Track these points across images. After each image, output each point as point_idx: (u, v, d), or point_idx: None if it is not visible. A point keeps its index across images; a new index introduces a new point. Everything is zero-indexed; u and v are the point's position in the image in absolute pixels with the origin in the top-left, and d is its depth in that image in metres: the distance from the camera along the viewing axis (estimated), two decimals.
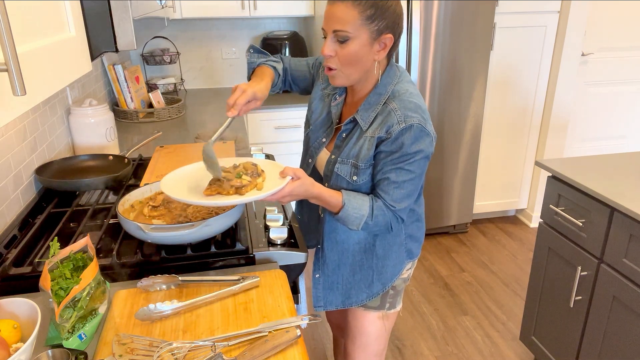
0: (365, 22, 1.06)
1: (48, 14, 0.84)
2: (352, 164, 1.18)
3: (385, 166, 1.14)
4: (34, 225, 1.31)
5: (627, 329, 1.53)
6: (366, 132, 1.16)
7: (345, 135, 1.22)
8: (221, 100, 2.94)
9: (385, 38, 1.10)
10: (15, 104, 0.67)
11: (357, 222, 1.17)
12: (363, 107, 1.17)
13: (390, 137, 1.11)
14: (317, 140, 1.31)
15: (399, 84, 1.17)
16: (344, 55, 1.09)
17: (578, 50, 2.97)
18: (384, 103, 1.15)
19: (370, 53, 1.10)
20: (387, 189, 1.16)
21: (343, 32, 1.07)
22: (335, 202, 1.15)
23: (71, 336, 0.90)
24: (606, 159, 1.84)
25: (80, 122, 1.82)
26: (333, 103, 1.28)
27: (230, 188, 1.09)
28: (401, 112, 1.12)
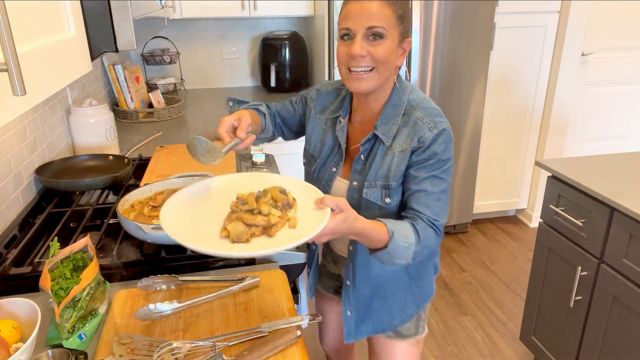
0: (397, 21, 1.01)
1: (48, 14, 0.84)
2: (382, 185, 1.08)
3: (419, 175, 1.05)
4: (34, 225, 1.31)
5: (627, 329, 1.53)
6: (392, 147, 1.07)
7: (364, 157, 1.11)
8: (221, 100, 2.94)
9: (407, 42, 1.06)
10: (15, 104, 0.67)
11: (406, 254, 1.01)
12: (381, 121, 1.09)
13: (424, 146, 1.04)
14: (327, 172, 1.19)
15: (412, 93, 1.11)
16: (378, 53, 1.01)
17: (578, 50, 2.97)
18: (403, 114, 1.08)
19: (395, 57, 1.04)
20: (426, 202, 1.04)
21: (379, 29, 0.99)
22: (380, 235, 0.97)
23: (71, 336, 0.90)
24: (606, 159, 1.84)
25: (80, 122, 1.82)
26: (338, 127, 1.17)
27: (255, 228, 0.87)
28: (429, 119, 1.05)
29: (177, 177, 1.40)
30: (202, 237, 0.87)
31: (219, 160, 0.98)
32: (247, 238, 0.85)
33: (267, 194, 0.93)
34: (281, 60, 2.98)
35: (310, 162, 1.23)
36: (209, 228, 0.89)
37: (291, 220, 0.90)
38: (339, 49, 1.05)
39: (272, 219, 0.87)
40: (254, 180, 1.03)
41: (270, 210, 0.89)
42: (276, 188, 0.95)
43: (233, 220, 0.87)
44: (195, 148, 0.99)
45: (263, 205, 0.89)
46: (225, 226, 0.87)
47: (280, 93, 3.06)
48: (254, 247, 0.84)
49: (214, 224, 0.90)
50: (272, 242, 0.85)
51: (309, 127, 1.24)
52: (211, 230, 0.89)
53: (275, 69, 2.96)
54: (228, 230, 0.86)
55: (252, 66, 3.31)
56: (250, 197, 0.92)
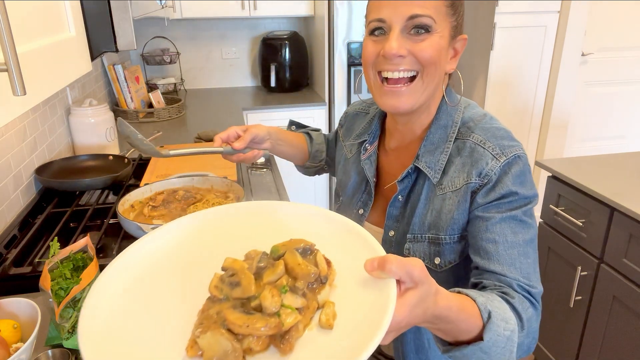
0: (449, 10, 0.76)
1: (48, 14, 0.84)
2: (431, 239, 0.79)
3: (492, 217, 0.73)
4: (34, 225, 1.31)
5: (627, 329, 1.53)
6: (442, 185, 0.79)
7: (402, 197, 0.84)
8: (221, 100, 2.94)
9: (460, 39, 0.81)
10: (15, 104, 0.67)
11: (509, 349, 0.62)
12: (425, 149, 0.81)
13: (489, 182, 0.74)
14: (351, 215, 0.89)
15: (467, 109, 0.84)
16: (424, 51, 0.74)
17: (578, 50, 2.97)
18: (456, 139, 0.80)
19: (445, 60, 0.79)
20: (508, 260, 0.70)
21: (426, 18, 0.73)
22: (472, 318, 0.59)
23: (71, 336, 0.90)
24: (606, 159, 1.84)
25: (80, 122, 1.82)
26: (363, 156, 0.90)
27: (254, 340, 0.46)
28: (492, 142, 0.76)
29: (177, 177, 1.40)
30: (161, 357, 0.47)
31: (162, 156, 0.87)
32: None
33: (277, 266, 0.51)
34: (281, 60, 2.98)
35: (336, 201, 1.01)
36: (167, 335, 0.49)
37: (325, 311, 0.49)
38: (366, 47, 0.79)
39: (285, 320, 0.47)
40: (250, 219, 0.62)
41: (283, 303, 0.48)
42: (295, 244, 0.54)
43: (211, 325, 0.47)
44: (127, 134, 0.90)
45: (269, 292, 0.49)
46: (196, 337, 0.47)
47: (280, 93, 3.06)
48: None
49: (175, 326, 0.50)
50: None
51: (336, 157, 1.02)
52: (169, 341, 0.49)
53: (275, 69, 2.96)
54: (200, 346, 0.46)
55: (252, 66, 3.31)
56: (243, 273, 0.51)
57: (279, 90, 3.06)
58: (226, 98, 3.00)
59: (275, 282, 0.50)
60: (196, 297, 0.51)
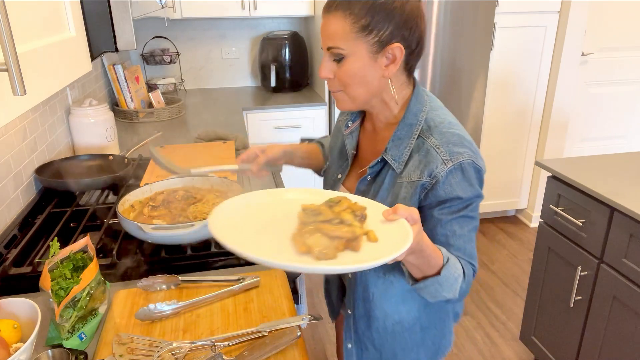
0: (359, 34, 0.87)
1: (48, 14, 0.84)
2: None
3: (444, 217, 0.91)
4: (34, 225, 1.31)
5: (627, 329, 1.53)
6: (402, 176, 0.94)
7: (371, 178, 1.00)
8: (221, 100, 2.94)
9: (393, 48, 0.88)
10: (15, 104, 0.67)
11: (454, 287, 0.88)
12: (392, 144, 0.95)
13: (438, 183, 0.89)
14: (332, 178, 1.11)
15: (431, 111, 0.96)
16: (342, 75, 0.91)
17: (578, 50, 2.97)
18: (419, 136, 0.94)
19: (375, 69, 0.90)
20: (458, 246, 0.91)
21: (336, 50, 0.89)
22: (437, 258, 0.84)
23: (71, 336, 0.90)
24: (606, 159, 1.84)
25: (80, 122, 1.82)
26: (346, 131, 1.08)
27: (338, 241, 0.72)
28: (445, 148, 0.89)
29: (177, 177, 1.40)
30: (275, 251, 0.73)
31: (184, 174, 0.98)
32: (333, 253, 0.71)
33: (342, 203, 0.80)
34: (281, 60, 2.98)
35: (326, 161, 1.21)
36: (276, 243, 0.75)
37: (370, 233, 0.75)
38: None
39: (356, 230, 0.74)
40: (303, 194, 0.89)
41: (353, 220, 0.76)
42: (344, 198, 0.83)
43: (311, 233, 0.73)
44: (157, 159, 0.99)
45: (344, 214, 0.77)
46: (305, 241, 0.72)
47: (280, 93, 3.06)
48: (344, 262, 0.70)
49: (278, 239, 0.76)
50: (364, 257, 0.71)
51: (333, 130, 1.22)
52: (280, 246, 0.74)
53: (275, 69, 2.96)
54: (308, 244, 0.71)
55: (252, 66, 3.31)
56: (321, 207, 0.79)
57: (279, 90, 3.06)
58: (226, 98, 3.00)
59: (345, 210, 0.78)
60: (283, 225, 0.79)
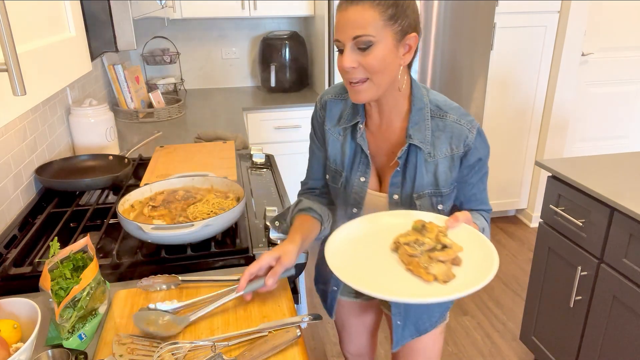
0: (387, 22, 0.94)
1: (48, 14, 0.84)
2: (432, 193, 1.07)
3: (472, 179, 1.09)
4: (34, 225, 1.31)
5: (627, 329, 1.53)
6: (433, 155, 1.05)
7: (401, 168, 1.07)
8: (221, 100, 2.94)
9: (410, 38, 0.98)
10: (15, 104, 0.67)
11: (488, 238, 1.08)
12: (413, 129, 1.05)
13: (470, 149, 1.04)
14: (355, 184, 1.14)
15: (430, 93, 1.08)
16: (369, 63, 0.96)
17: (578, 50, 2.97)
18: (432, 117, 1.05)
19: (396, 57, 0.98)
20: (481, 199, 1.12)
21: (365, 37, 0.94)
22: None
23: (71, 336, 0.90)
24: (606, 159, 1.84)
25: (80, 122, 1.82)
26: (358, 134, 1.11)
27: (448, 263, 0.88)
28: (464, 119, 1.04)
29: (177, 177, 1.40)
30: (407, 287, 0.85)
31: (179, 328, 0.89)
32: (453, 274, 0.86)
33: (430, 227, 0.94)
34: (281, 60, 2.98)
35: (335, 178, 1.17)
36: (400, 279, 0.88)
37: (455, 246, 0.91)
38: (337, 61, 1.02)
39: (455, 249, 0.89)
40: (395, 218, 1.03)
41: (451, 241, 0.90)
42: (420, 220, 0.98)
43: (428, 262, 0.87)
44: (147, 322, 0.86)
45: (443, 238, 0.92)
46: (429, 271, 0.86)
47: (280, 93, 3.06)
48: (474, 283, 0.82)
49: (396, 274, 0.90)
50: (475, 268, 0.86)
51: (327, 142, 1.17)
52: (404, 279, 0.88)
53: (275, 69, 2.96)
54: (433, 274, 0.86)
55: (252, 66, 3.31)
56: (418, 235, 0.93)
57: (279, 90, 3.06)
58: (226, 98, 3.00)
59: (440, 234, 0.93)
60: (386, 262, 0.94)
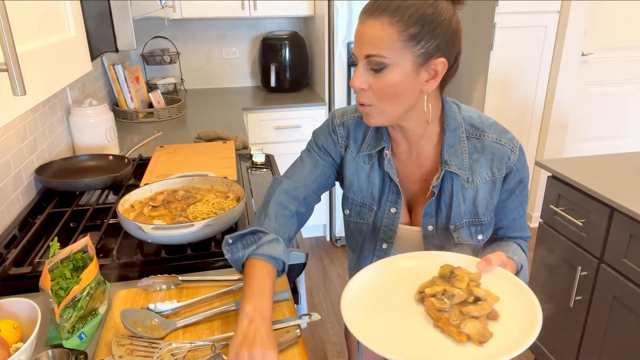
0: (407, 43, 0.81)
1: (48, 14, 0.84)
2: (471, 222, 0.96)
3: (512, 204, 0.98)
4: (34, 225, 1.31)
5: (627, 329, 1.53)
6: (473, 179, 0.94)
7: (435, 197, 0.96)
8: (221, 100, 2.94)
9: (436, 63, 0.85)
10: (15, 104, 0.67)
11: (527, 275, 0.99)
12: (448, 153, 0.93)
13: (512, 171, 0.94)
14: (386, 216, 1.01)
15: (463, 110, 0.97)
16: (380, 87, 0.84)
17: (578, 50, 2.97)
18: (468, 138, 0.94)
19: (415, 84, 0.85)
20: (519, 226, 1.02)
21: (378, 58, 0.82)
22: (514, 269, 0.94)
23: (71, 336, 0.90)
24: (606, 159, 1.84)
25: (80, 122, 1.82)
26: (386, 161, 0.97)
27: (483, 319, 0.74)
28: (505, 139, 0.94)
29: (177, 177, 1.40)
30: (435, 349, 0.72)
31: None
32: (489, 333, 0.72)
33: (459, 275, 0.80)
34: (281, 60, 2.98)
35: (363, 213, 1.03)
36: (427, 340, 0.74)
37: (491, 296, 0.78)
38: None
39: (490, 302, 0.76)
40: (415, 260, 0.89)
41: (486, 293, 0.77)
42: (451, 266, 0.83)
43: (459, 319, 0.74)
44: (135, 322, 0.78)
45: (476, 289, 0.78)
46: (460, 330, 0.72)
47: (280, 93, 3.06)
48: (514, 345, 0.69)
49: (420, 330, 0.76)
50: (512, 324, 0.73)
51: (347, 171, 1.02)
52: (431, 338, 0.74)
53: (275, 69, 2.96)
54: (466, 333, 0.72)
55: (252, 66, 3.31)
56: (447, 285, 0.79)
57: (279, 90, 3.06)
58: (226, 98, 3.00)
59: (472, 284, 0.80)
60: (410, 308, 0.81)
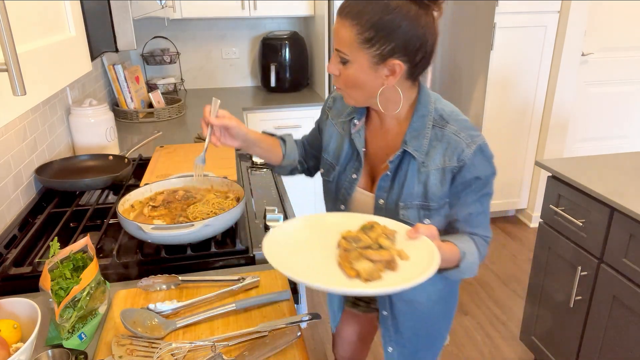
0: (363, 45, 0.92)
1: (48, 14, 0.84)
2: (420, 205, 1.01)
3: (468, 199, 1.00)
4: (34, 225, 1.31)
5: (627, 329, 1.53)
6: (427, 164, 0.99)
7: (391, 172, 1.03)
8: (221, 100, 2.93)
9: (393, 64, 0.93)
10: (15, 104, 0.67)
11: (473, 269, 1.01)
12: (411, 135, 1.00)
13: (465, 165, 0.98)
14: (346, 179, 1.11)
15: (437, 102, 1.03)
16: (345, 77, 0.97)
17: (578, 50, 2.97)
18: (434, 126, 1.00)
19: (376, 78, 0.95)
20: (477, 223, 1.03)
21: (342, 54, 0.95)
22: (455, 255, 0.96)
23: (71, 336, 0.90)
24: (606, 159, 1.84)
25: (80, 122, 1.82)
26: (353, 130, 1.09)
27: (379, 264, 0.83)
28: (465, 133, 0.98)
29: (177, 177, 1.40)
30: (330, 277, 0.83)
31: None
32: (378, 275, 0.81)
33: (373, 228, 0.90)
34: (281, 60, 2.98)
35: (329, 171, 1.15)
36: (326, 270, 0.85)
37: (401, 252, 0.86)
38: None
39: (392, 252, 0.85)
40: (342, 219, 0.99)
41: (389, 244, 0.86)
42: (375, 222, 0.92)
43: (356, 258, 0.84)
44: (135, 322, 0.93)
45: (381, 239, 0.87)
46: (353, 266, 0.83)
47: (280, 93, 3.06)
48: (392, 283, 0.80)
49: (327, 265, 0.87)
50: (404, 277, 0.81)
51: (325, 134, 1.17)
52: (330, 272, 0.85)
53: (275, 69, 2.96)
54: (357, 269, 0.82)
55: (252, 66, 3.31)
56: (359, 233, 0.89)
57: (279, 90, 3.06)
58: (226, 98, 3.00)
59: (381, 236, 0.89)
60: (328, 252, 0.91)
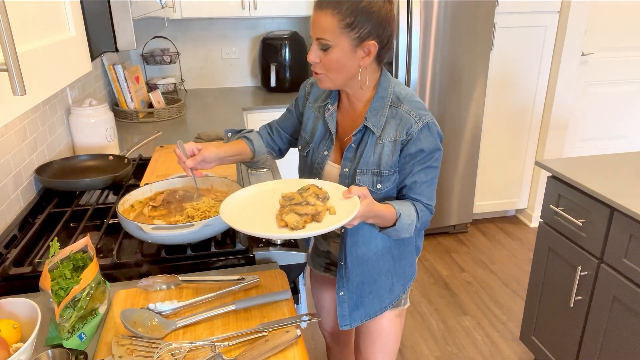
0: (344, 30, 1.06)
1: (48, 14, 0.84)
2: (374, 172, 1.17)
3: (414, 169, 1.16)
4: (34, 225, 1.31)
5: (627, 329, 1.53)
6: (382, 138, 1.16)
7: (355, 145, 1.20)
8: (221, 100, 2.94)
9: (369, 45, 1.09)
10: (15, 104, 0.67)
11: (410, 229, 1.16)
12: (370, 113, 1.17)
13: (412, 138, 1.13)
14: (319, 156, 1.28)
15: (396, 86, 1.19)
16: (327, 62, 1.11)
17: (578, 50, 2.97)
18: (390, 106, 1.16)
19: (354, 59, 1.11)
20: (420, 191, 1.18)
21: (324, 41, 1.08)
22: (390, 215, 1.12)
23: (71, 336, 0.90)
24: (606, 159, 1.84)
25: (80, 122, 1.82)
26: (327, 113, 1.26)
27: (306, 216, 1.02)
28: (415, 112, 1.14)
29: (177, 177, 1.40)
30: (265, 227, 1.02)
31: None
32: (302, 225, 1.01)
33: (308, 189, 1.09)
34: (281, 60, 2.98)
35: (305, 147, 1.31)
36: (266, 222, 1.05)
37: (331, 208, 1.06)
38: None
39: (318, 208, 1.03)
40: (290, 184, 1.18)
41: (316, 201, 1.05)
42: (312, 184, 1.11)
43: (287, 213, 1.03)
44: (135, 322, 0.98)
45: (309, 197, 1.06)
46: (282, 218, 1.02)
47: (280, 93, 3.06)
48: (310, 229, 1.00)
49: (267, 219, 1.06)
50: (322, 225, 1.01)
51: (304, 116, 1.33)
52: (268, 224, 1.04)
53: (275, 69, 2.96)
54: (285, 221, 1.01)
55: (252, 66, 3.31)
56: (294, 194, 1.08)
57: (279, 90, 3.06)
58: (226, 98, 3.01)
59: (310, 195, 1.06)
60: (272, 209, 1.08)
